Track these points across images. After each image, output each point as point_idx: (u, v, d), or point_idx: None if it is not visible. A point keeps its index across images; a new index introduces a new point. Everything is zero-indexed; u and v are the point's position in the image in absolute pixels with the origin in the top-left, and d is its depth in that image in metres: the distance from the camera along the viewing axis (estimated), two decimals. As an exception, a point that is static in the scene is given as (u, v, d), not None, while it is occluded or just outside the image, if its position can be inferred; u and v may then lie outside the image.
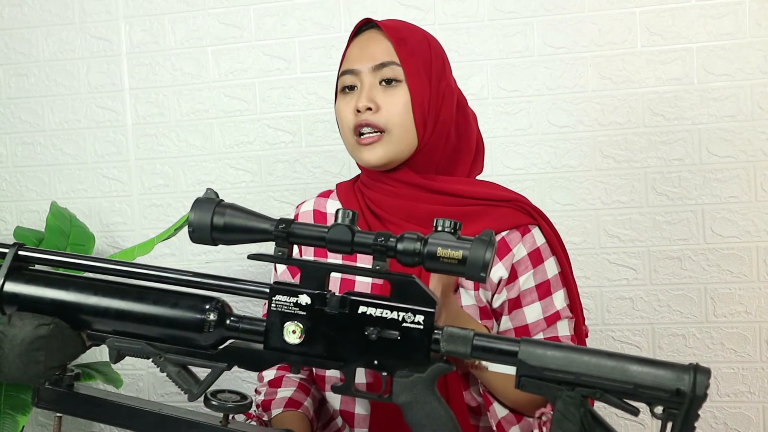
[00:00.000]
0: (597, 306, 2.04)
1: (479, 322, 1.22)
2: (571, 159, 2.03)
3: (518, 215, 1.26)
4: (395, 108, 1.23)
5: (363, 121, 1.23)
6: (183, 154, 2.21)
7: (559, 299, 1.25)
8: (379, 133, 1.23)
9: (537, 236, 1.26)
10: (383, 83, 1.25)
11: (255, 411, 1.28)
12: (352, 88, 1.27)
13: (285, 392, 1.27)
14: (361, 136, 1.24)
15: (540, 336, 1.23)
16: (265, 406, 1.26)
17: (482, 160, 1.37)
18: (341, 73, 1.28)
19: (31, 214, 2.30)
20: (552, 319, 1.24)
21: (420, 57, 1.26)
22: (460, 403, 1.21)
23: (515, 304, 1.24)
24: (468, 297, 1.22)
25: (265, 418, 1.24)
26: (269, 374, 1.32)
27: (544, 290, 1.24)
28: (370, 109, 1.23)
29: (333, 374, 1.25)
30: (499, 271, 1.23)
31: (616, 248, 2.03)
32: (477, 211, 1.25)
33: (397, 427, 1.15)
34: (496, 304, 1.24)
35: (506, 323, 1.25)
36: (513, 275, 1.23)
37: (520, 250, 1.24)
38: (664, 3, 1.98)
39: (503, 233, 1.24)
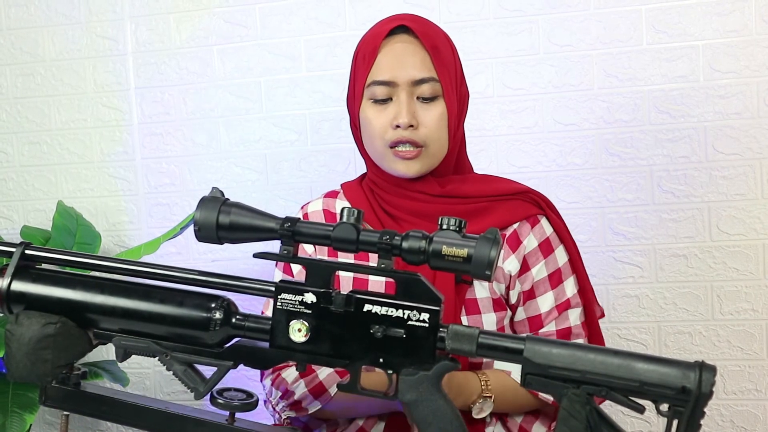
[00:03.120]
0: (603, 303, 2.03)
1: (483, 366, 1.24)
2: (577, 157, 2.03)
3: (527, 206, 1.28)
4: (433, 123, 1.22)
5: (404, 138, 1.21)
6: (189, 153, 2.22)
7: (570, 286, 1.28)
8: (417, 149, 1.22)
9: (545, 226, 1.28)
10: (420, 99, 1.22)
11: (287, 418, 1.22)
12: (385, 100, 1.23)
13: (324, 371, 1.18)
14: (396, 148, 1.22)
15: (552, 325, 1.26)
16: (319, 390, 1.18)
17: None
18: (372, 83, 1.23)
19: (37, 214, 2.31)
20: (563, 307, 1.26)
21: (451, 66, 1.25)
22: None
23: (529, 295, 1.26)
24: (482, 289, 1.24)
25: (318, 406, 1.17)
26: (291, 373, 1.21)
27: (555, 279, 1.27)
28: (411, 126, 1.21)
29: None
30: (511, 264, 1.25)
31: (622, 246, 2.02)
32: (487, 206, 1.26)
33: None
34: (513, 299, 1.27)
35: (520, 314, 1.27)
36: (525, 267, 1.26)
37: (530, 242, 1.26)
38: (669, 0, 1.97)
39: (514, 225, 1.26)
